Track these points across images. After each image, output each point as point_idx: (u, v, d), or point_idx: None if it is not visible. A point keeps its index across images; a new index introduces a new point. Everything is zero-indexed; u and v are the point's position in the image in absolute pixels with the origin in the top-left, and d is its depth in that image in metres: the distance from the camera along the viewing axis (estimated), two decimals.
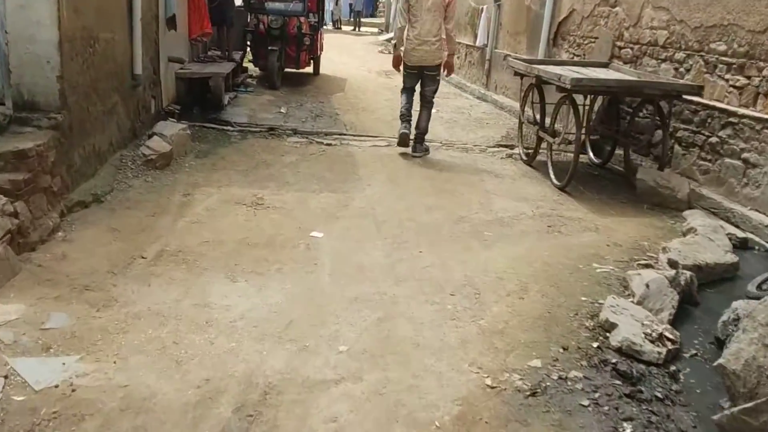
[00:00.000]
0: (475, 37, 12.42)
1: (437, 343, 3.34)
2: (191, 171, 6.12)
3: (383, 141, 7.76)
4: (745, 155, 5.61)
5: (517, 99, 10.42)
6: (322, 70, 13.53)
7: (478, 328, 3.49)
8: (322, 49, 13.22)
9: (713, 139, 6.01)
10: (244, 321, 3.47)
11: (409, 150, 7.28)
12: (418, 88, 7.55)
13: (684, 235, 5.01)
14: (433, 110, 8.57)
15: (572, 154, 6.25)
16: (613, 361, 3.22)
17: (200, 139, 7.25)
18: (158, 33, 7.40)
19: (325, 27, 29.79)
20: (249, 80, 11.28)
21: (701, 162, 6.18)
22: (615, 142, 6.89)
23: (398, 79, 13.01)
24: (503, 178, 6.53)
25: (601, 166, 7.03)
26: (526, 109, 7.48)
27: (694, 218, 5.20)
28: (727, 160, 5.81)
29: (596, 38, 8.28)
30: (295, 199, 5.54)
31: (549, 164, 6.45)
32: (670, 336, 3.43)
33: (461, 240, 4.80)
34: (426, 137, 7.74)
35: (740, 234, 5.11)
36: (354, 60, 16.25)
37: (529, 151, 7.29)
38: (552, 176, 6.34)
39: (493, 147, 7.80)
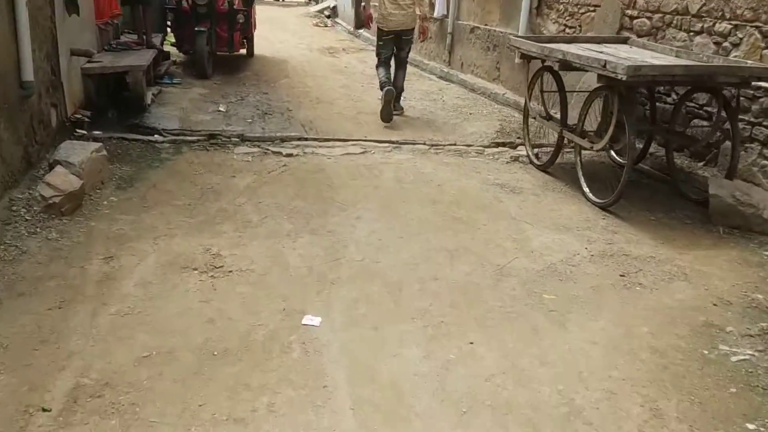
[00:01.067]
0: (431, 6, 10.86)
1: None
2: (113, 213, 4.40)
3: (356, 146, 6.16)
4: None
5: (491, 79, 9.00)
6: (256, 50, 11.70)
7: None
8: (255, 27, 11.37)
9: None
10: None
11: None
12: None
13: None
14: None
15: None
16: None
17: (121, 159, 5.48)
18: (55, 20, 5.55)
19: None
20: (173, 68, 9.39)
21: (765, 162, 4.93)
22: (649, 139, 5.56)
23: (345, 59, 11.37)
24: (522, 193, 5.09)
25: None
26: (530, 99, 6.01)
27: None
28: None
29: (597, 6, 6.88)
30: (265, 251, 3.94)
31: (580, 174, 5.04)
32: None
33: (519, 313, 3.33)
34: (409, 136, 6.40)
35: None
36: (289, 36, 14.39)
37: (539, 151, 5.89)
38: (586, 190, 4.94)
39: (491, 147, 6.33)
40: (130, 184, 4.97)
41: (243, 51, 10.94)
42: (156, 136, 6.25)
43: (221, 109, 7.25)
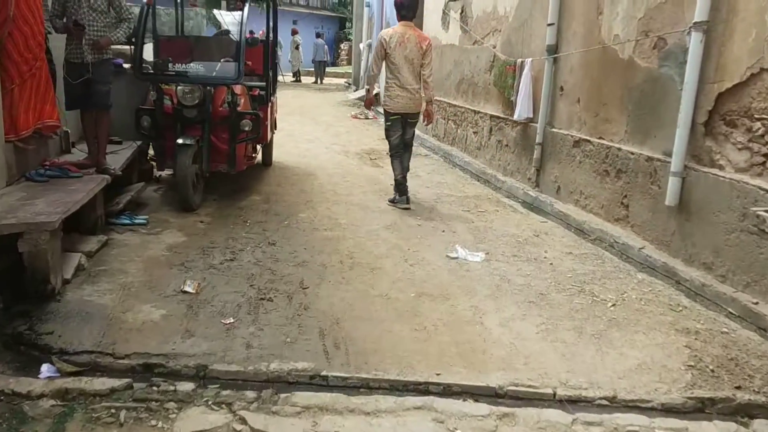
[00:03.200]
0: (508, 104, 7.90)
1: None
2: None
3: (423, 411, 2.95)
4: None
5: (614, 219, 5.77)
6: (277, 153, 8.85)
7: None
8: (274, 128, 8.55)
9: None
10: None
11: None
12: None
13: None
14: (482, 255, 5.16)
15: None
16: None
17: None
18: None
19: (283, 77, 25.07)
20: (151, 191, 6.50)
21: None
22: None
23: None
24: None
25: None
26: None
27: None
28: None
29: None
30: None
31: None
32: None
33: None
34: (519, 368, 3.17)
35: None
36: (321, 132, 11.59)
37: None
38: None
39: (693, 410, 3.07)
40: None
41: (258, 157, 8.11)
42: (43, 369, 3.21)
43: (188, 288, 4.17)
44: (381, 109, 7.66)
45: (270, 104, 7.58)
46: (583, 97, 6.42)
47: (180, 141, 5.79)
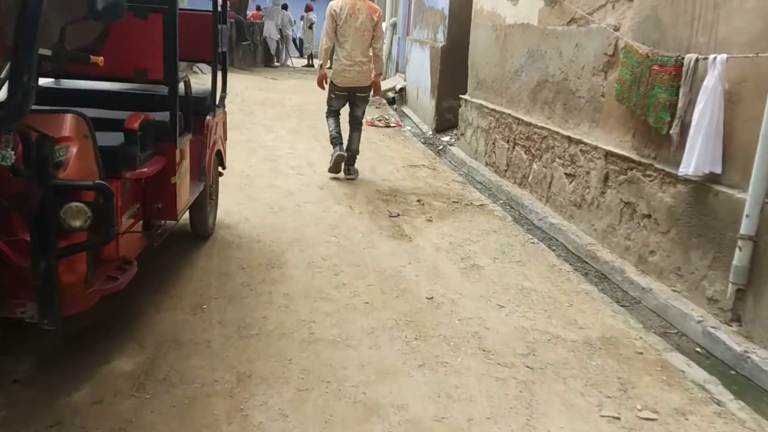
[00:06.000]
0: (653, 138, 4.01)
1: None
2: None
3: None
4: None
5: None
6: (235, 201, 5.12)
7: None
8: (222, 165, 4.75)
9: None
10: None
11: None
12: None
13: None
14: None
15: None
16: None
17: None
18: None
19: (292, 63, 21.33)
20: None
21: None
22: None
23: (429, 236, 4.46)
24: None
25: None
26: None
27: None
28: None
29: None
30: None
31: None
32: None
33: None
34: None
35: None
36: (320, 152, 7.66)
37: None
38: None
39: None
40: None
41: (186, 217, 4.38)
42: None
43: None
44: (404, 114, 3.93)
45: (212, 126, 3.82)
46: None
47: None
